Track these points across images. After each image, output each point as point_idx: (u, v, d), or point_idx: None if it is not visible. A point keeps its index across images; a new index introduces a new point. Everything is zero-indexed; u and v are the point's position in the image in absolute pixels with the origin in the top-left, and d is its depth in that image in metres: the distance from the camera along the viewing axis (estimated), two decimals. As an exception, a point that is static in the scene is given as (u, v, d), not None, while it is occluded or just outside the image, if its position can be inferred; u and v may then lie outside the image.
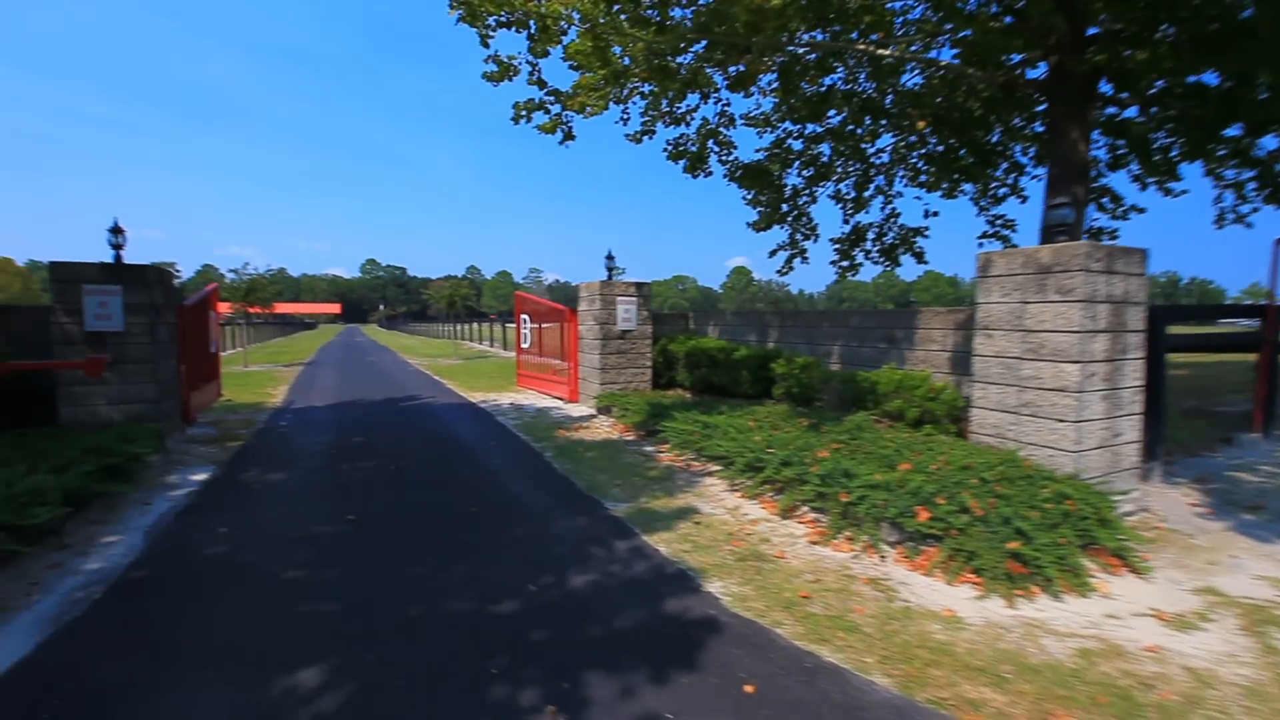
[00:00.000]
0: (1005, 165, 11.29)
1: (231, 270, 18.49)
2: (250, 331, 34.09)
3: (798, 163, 12.67)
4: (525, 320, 12.60)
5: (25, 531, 3.95)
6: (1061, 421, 4.73)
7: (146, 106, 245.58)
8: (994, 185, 11.73)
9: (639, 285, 9.92)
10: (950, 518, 4.00)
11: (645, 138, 12.09)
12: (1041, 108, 10.05)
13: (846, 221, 13.17)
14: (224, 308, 18.82)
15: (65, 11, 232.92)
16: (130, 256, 7.37)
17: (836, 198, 13.23)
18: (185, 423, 8.24)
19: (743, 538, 4.40)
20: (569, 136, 11.25)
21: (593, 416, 9.23)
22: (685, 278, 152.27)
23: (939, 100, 10.10)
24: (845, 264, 13.51)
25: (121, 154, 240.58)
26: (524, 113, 10.81)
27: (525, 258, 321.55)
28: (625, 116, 11.69)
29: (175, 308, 8.09)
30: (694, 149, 12.28)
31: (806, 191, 13.06)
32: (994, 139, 11.11)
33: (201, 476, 6.01)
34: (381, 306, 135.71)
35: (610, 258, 10.15)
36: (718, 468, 5.95)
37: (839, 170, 12.89)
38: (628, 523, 4.67)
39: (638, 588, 3.59)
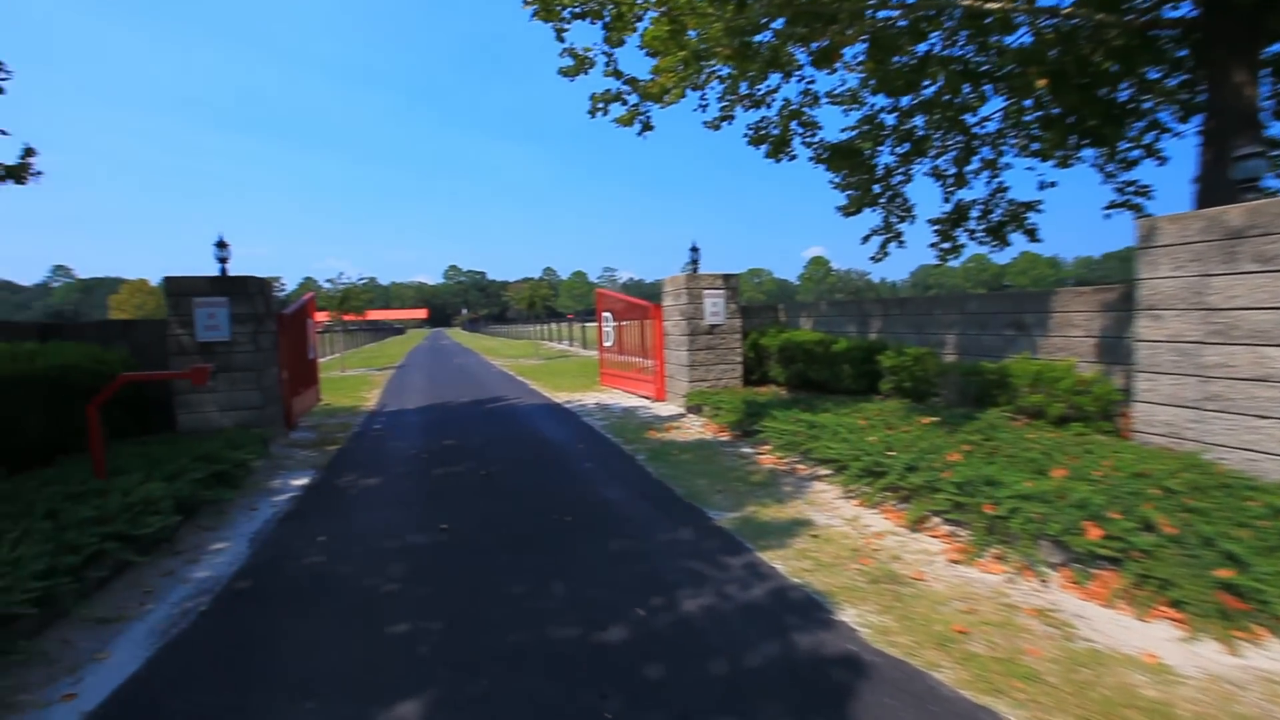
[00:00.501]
0: (1140, 124, 9.97)
1: (328, 280, 19.47)
2: (346, 338, 36.02)
3: (890, 139, 11.78)
4: (607, 318, 12.39)
5: (140, 540, 4.01)
6: (1265, 419, 3.89)
7: (253, 135, 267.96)
8: (1124, 148, 10.40)
9: (726, 277, 9.44)
10: (1130, 536, 3.33)
11: (724, 123, 11.58)
12: (1183, 53, 8.77)
13: (947, 199, 12.11)
14: (321, 316, 19.87)
15: (183, 55, 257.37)
16: (240, 272, 7.65)
17: (935, 174, 12.20)
18: (288, 427, 8.52)
19: (870, 554, 3.88)
20: (647, 127, 10.92)
21: (682, 416, 8.84)
22: (761, 270, 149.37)
23: (1054, 55, 9.00)
24: (946, 246, 12.44)
25: (232, 179, 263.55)
26: (601, 105, 10.56)
27: (599, 258, 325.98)
28: (703, 103, 11.23)
29: (276, 317, 8.36)
30: (776, 132, 11.63)
31: (900, 170, 12.11)
32: (1123, 96, 9.83)
33: (302, 481, 6.09)
34: (464, 310, 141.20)
35: (694, 250, 9.73)
36: (827, 472, 5.41)
37: (936, 144, 11.86)
38: (736, 535, 4.25)
39: (759, 615, 3.17)
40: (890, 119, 11.49)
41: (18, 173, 7.38)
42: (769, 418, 6.56)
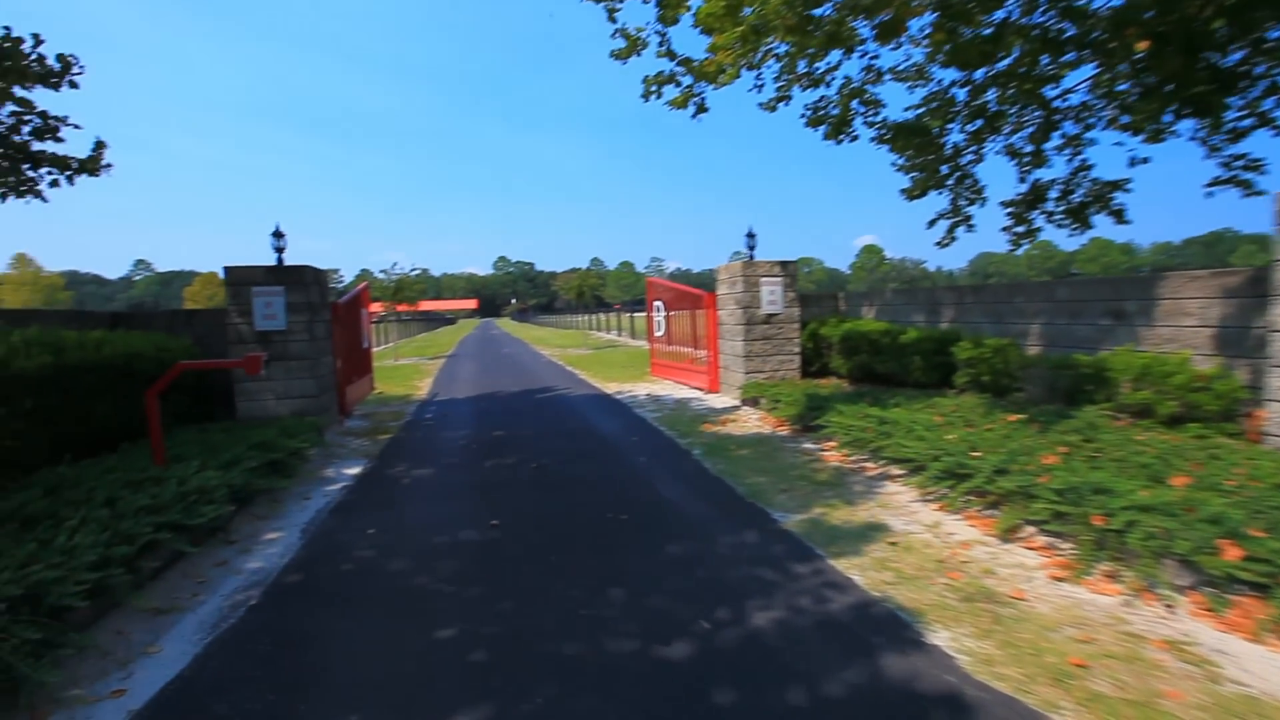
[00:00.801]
0: (1255, 90, 8.98)
1: (382, 271, 19.86)
2: (400, 328, 36.95)
3: (960, 116, 11.02)
4: (658, 308, 12.11)
5: (194, 529, 3.98)
6: None
7: (315, 134, 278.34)
8: (1233, 118, 9.40)
9: (784, 264, 9.01)
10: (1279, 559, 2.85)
11: (780, 104, 11.02)
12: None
13: (1022, 179, 11.24)
14: (376, 307, 20.28)
15: (252, 58, 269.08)
16: (302, 263, 7.72)
17: (1009, 153, 11.33)
18: (342, 415, 8.60)
19: (958, 567, 3.49)
20: (701, 109, 10.50)
21: (737, 408, 8.51)
22: (811, 260, 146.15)
23: (1151, 16, 8.14)
24: (1019, 229, 11.55)
25: (298, 176, 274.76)
26: (654, 88, 10.20)
27: (646, 248, 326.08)
28: (759, 83, 10.72)
29: (330, 306, 8.42)
30: (835, 112, 11.02)
31: (971, 149, 11.29)
32: (1232, 60, 8.85)
33: (354, 470, 6.06)
34: (513, 300, 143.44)
35: (751, 236, 9.33)
36: (900, 472, 5.00)
37: (1012, 120, 11.02)
38: (805, 540, 3.92)
39: (838, 633, 2.85)
40: (961, 94, 10.74)
41: (90, 166, 7.60)
42: (833, 412, 6.17)
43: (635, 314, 34.18)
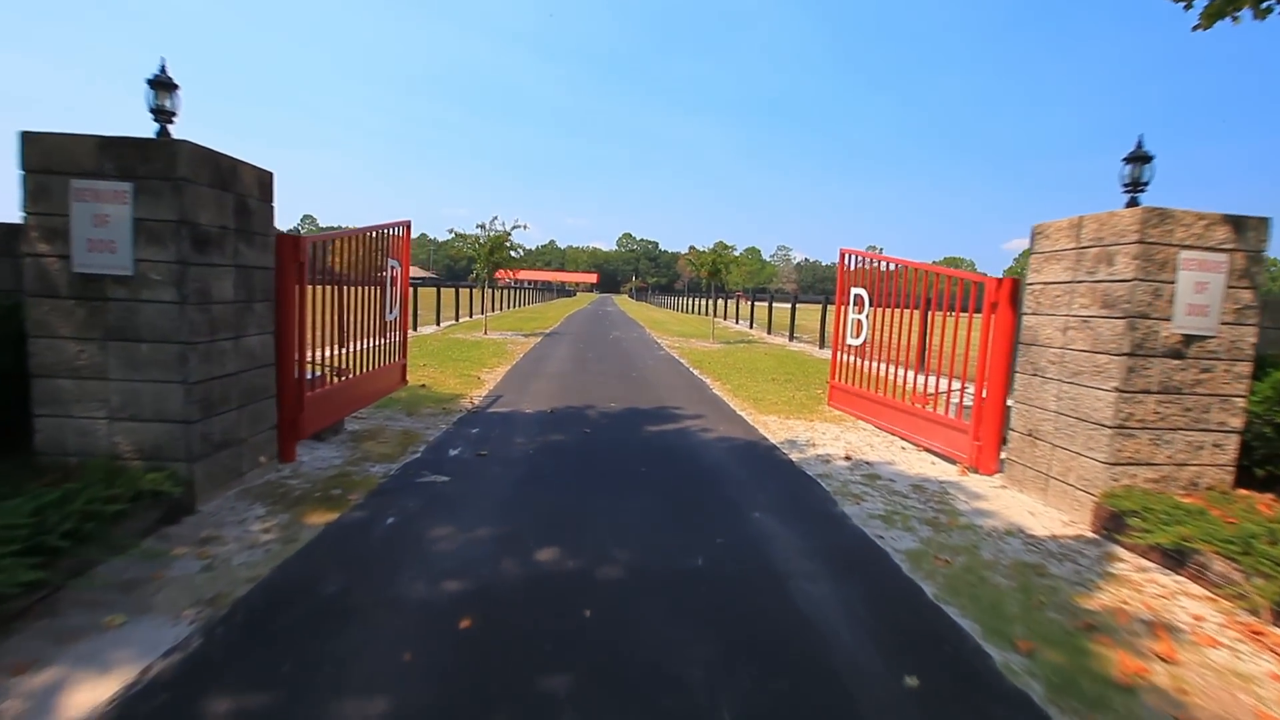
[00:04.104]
0: None
1: (478, 225, 16.33)
2: (503, 296, 34.25)
3: None
4: (857, 301, 7.25)
5: None
6: None
7: (465, 108, 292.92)
8: None
9: (1237, 224, 3.90)
10: None
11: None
12: None
13: None
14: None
15: (421, 40, 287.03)
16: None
17: None
18: (287, 448, 4.64)
19: None
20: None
21: (1082, 538, 3.65)
22: (960, 259, 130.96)
23: None
24: None
25: (448, 148, 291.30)
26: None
27: (772, 236, 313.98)
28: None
29: (282, 243, 4.49)
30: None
31: None
32: None
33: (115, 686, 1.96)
34: (634, 278, 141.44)
35: (1140, 158, 4.29)
36: None
37: None
38: None
39: None
40: None
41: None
42: None
43: (757, 302, 28.98)
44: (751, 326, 25.10)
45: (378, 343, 6.43)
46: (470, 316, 23.50)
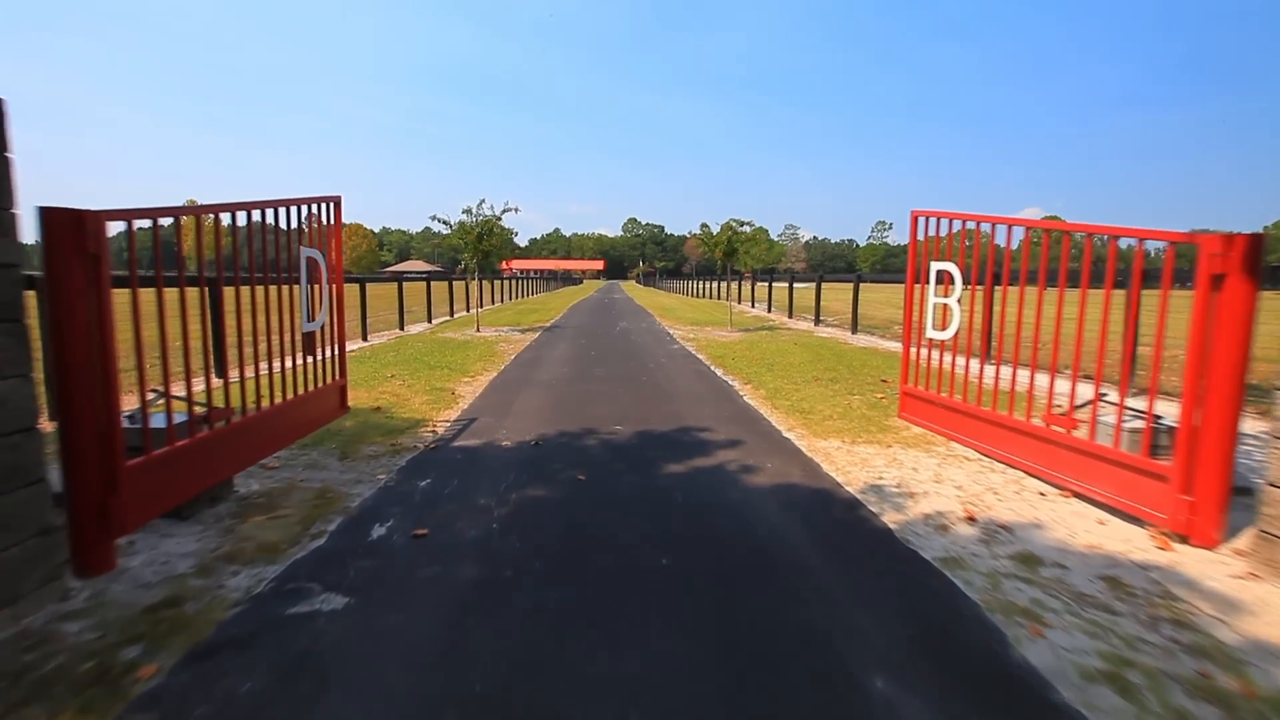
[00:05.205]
0: None
1: (464, 210, 14.49)
2: (498, 287, 32.45)
3: None
4: (945, 277, 5.37)
5: None
6: None
7: (462, 97, 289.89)
8: None
9: None
10: None
11: None
12: None
13: None
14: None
15: (433, 36, 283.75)
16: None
17: None
18: (95, 555, 2.90)
19: None
20: None
21: None
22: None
23: None
24: None
25: (437, 137, 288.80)
26: None
27: (779, 215, 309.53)
28: None
29: (45, 221, 2.72)
30: None
31: None
32: None
33: None
34: (641, 263, 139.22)
35: None
36: None
37: None
38: None
39: None
40: None
41: None
42: None
43: (776, 284, 27.01)
44: (770, 310, 23.21)
45: (293, 363, 4.68)
46: (467, 311, 21.80)
